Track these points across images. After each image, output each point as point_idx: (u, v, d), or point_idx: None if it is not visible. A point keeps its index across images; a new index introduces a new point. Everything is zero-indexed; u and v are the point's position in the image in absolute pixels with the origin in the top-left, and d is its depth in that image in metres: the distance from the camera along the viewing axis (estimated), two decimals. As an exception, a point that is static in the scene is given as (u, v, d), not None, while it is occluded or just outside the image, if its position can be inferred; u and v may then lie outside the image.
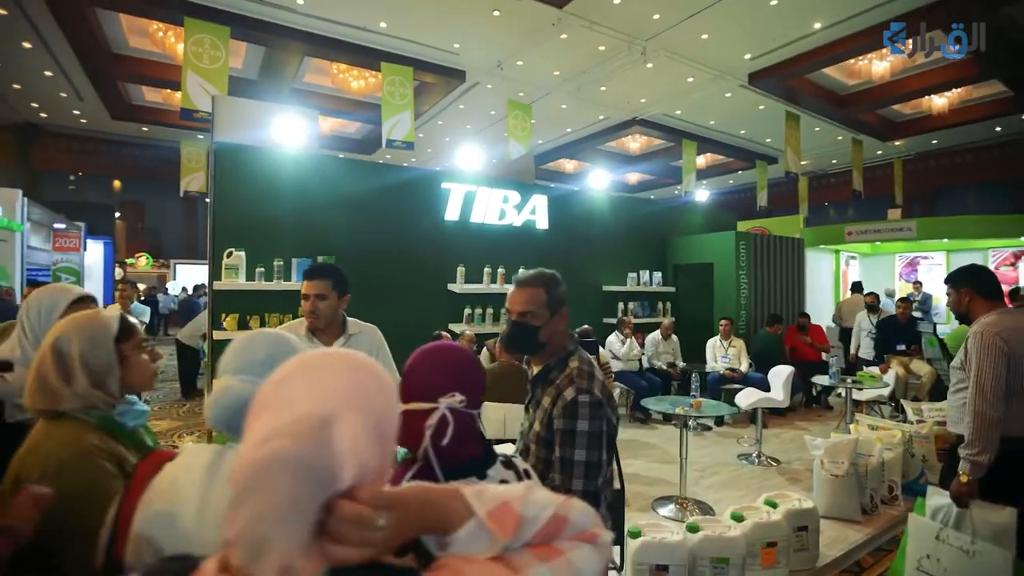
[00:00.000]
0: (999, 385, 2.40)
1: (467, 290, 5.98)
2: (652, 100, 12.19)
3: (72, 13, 8.50)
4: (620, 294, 7.44)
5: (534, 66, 10.81)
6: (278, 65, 10.33)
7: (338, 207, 5.40)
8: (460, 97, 12.27)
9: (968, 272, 2.78)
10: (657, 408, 4.41)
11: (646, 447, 5.71)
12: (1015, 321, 2.51)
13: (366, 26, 9.51)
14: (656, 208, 9.03)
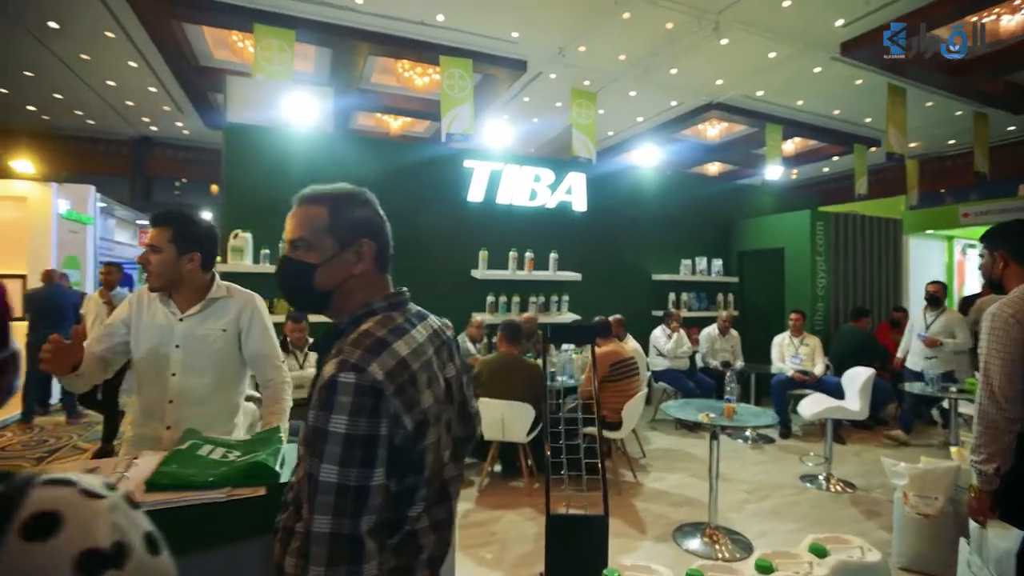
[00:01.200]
0: (1009, 380, 1.81)
1: (490, 276, 5.39)
2: (730, 81, 10.90)
3: (163, 29, 8.98)
4: (672, 284, 6.54)
5: (597, 51, 9.99)
6: (345, 66, 10.36)
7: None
8: (524, 89, 11.71)
9: (1008, 230, 2.12)
10: (678, 414, 3.49)
11: (686, 459, 4.79)
12: None
13: (424, 20, 9.21)
14: (719, 188, 7.90)
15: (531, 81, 11.28)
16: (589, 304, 6.09)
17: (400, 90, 11.82)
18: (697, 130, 13.37)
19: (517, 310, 5.55)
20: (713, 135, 13.40)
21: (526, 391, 3.76)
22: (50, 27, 8.23)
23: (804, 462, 4.75)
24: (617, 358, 4.05)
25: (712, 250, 6.90)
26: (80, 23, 8.18)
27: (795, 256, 6.28)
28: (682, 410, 3.53)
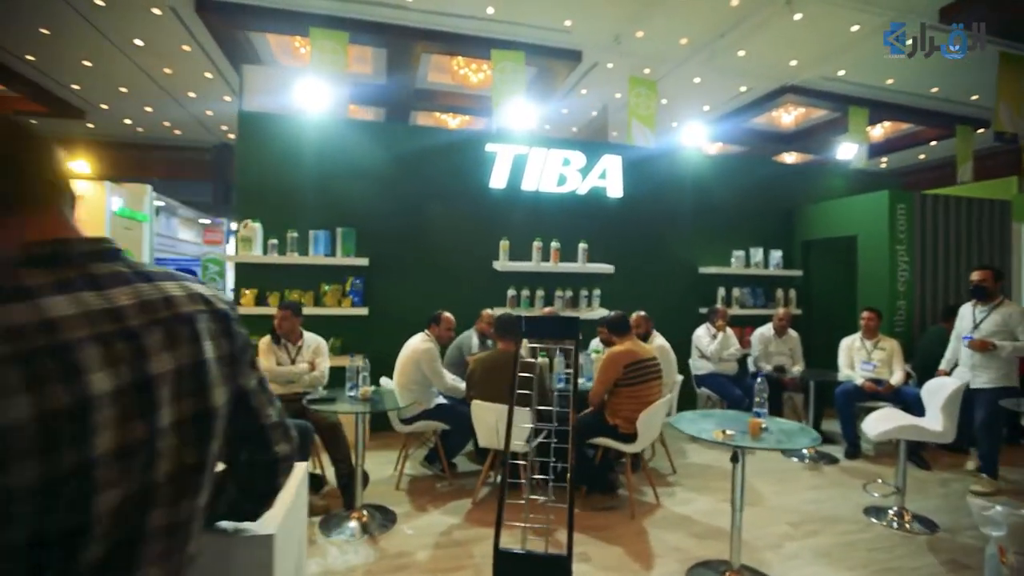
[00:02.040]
0: None
1: (512, 268, 4.90)
2: (805, 61, 9.76)
3: (230, 40, 9.34)
4: (721, 278, 5.75)
5: (656, 36, 9.24)
6: (401, 66, 10.34)
7: (366, 175, 4.76)
8: (581, 81, 11.17)
9: None
10: (688, 429, 2.77)
11: (724, 478, 3.83)
12: None
13: (474, 14, 8.98)
14: (780, 171, 6.94)
15: (588, 72, 10.71)
16: (624, 299, 5.43)
17: (456, 88, 11.67)
18: (771, 117, 12.19)
19: (541, 304, 5.05)
20: (788, 122, 12.16)
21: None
22: (136, 44, 8.78)
23: (870, 491, 3.87)
24: (633, 359, 3.45)
25: (771, 240, 6.01)
26: (160, 39, 8.65)
27: (870, 245, 5.28)
28: (695, 424, 2.83)
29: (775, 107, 11.25)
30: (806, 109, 11.66)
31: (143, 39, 8.74)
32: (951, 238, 5.38)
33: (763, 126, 12.44)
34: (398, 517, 3.32)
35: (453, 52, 9.96)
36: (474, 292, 4.96)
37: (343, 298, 4.55)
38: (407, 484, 3.85)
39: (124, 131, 13.02)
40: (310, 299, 4.51)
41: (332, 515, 3.29)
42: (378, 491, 3.64)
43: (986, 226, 5.58)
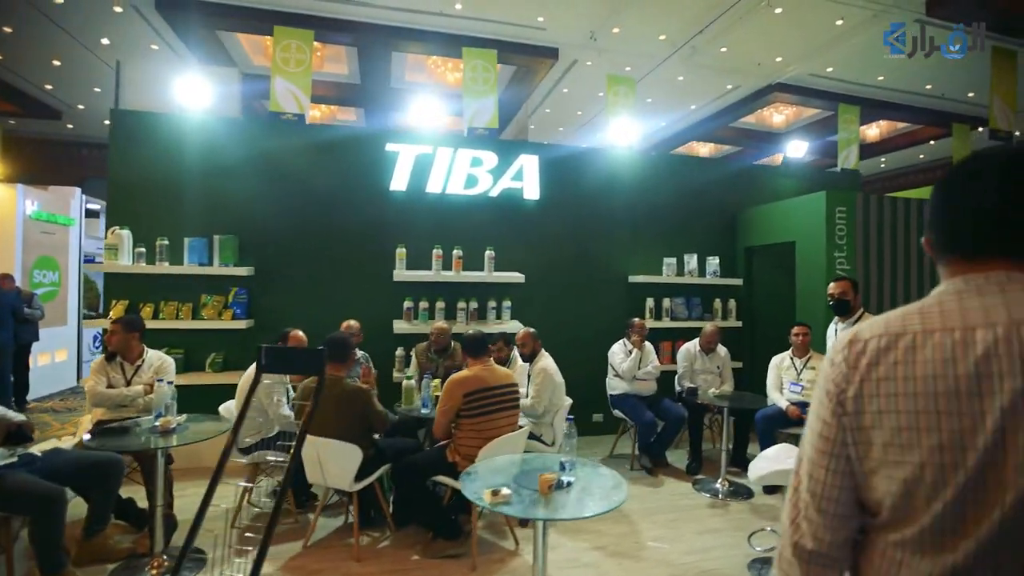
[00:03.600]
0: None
1: (409, 278, 4.53)
2: (791, 57, 9.33)
3: (196, 38, 9.20)
4: (655, 287, 5.30)
5: (633, 32, 8.90)
6: (373, 65, 10.17)
7: (254, 178, 4.42)
8: (562, 79, 10.88)
9: None
10: (468, 488, 2.25)
11: (613, 518, 3.49)
12: None
13: (442, 10, 8.77)
14: (725, 171, 6.42)
15: (568, 70, 10.44)
16: (539, 310, 5.10)
17: (434, 87, 11.48)
18: (761, 116, 11.78)
19: (441, 317, 4.66)
20: (779, 122, 11.75)
21: (346, 426, 2.93)
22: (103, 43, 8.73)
23: (754, 544, 3.29)
24: (476, 386, 3.02)
25: (713, 246, 5.56)
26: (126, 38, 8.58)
27: (808, 252, 4.79)
28: (479, 479, 2.28)
29: (764, 105, 10.85)
30: (797, 108, 11.25)
31: (109, 38, 8.68)
32: (899, 243, 4.88)
33: (753, 125, 12.04)
34: (208, 563, 2.93)
35: (423, 50, 9.75)
36: (370, 304, 4.62)
37: (224, 310, 4.27)
38: (249, 520, 3.45)
39: (103, 132, 13.08)
40: (188, 311, 4.24)
41: (132, 562, 2.89)
42: (210, 527, 3.11)
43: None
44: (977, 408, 0.69)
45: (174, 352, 4.17)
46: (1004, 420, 0.67)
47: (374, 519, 3.33)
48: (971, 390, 0.69)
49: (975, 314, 0.73)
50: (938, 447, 0.71)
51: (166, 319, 4.19)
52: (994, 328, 0.70)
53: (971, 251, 0.80)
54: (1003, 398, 0.67)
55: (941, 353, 0.73)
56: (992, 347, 0.70)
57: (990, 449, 0.68)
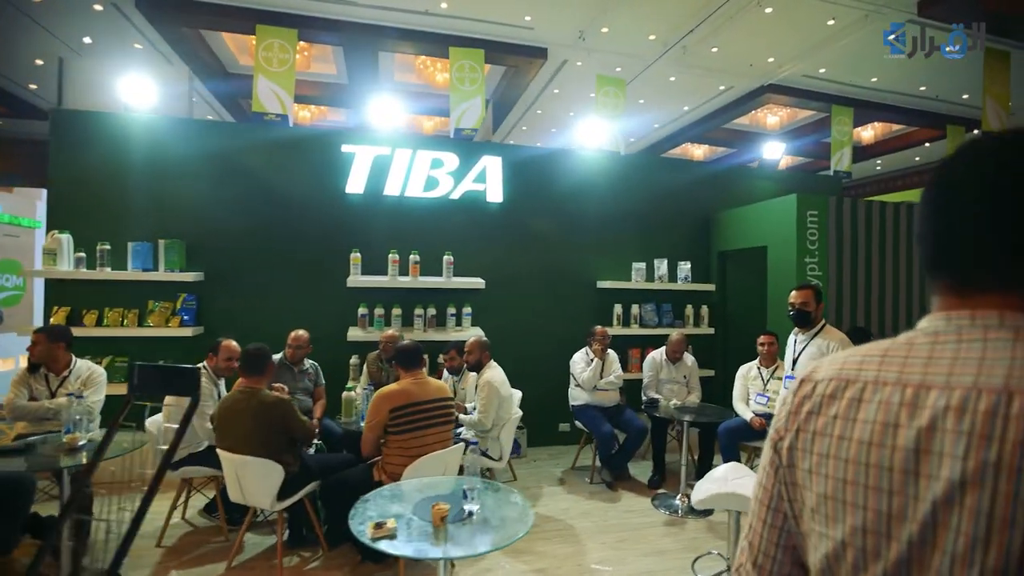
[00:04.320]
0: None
1: (364, 284, 4.36)
2: (784, 58, 9.15)
3: (178, 37, 9.10)
4: (626, 293, 5.12)
5: (622, 32, 8.74)
6: (361, 66, 10.06)
7: (204, 181, 4.28)
8: (552, 80, 10.75)
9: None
10: (355, 520, 2.08)
11: (561, 536, 3.37)
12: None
13: (428, 10, 8.65)
14: (697, 172, 6.23)
15: (558, 71, 10.30)
16: (503, 317, 4.92)
17: (424, 88, 11.37)
18: (755, 118, 11.59)
19: (399, 324, 4.49)
20: (773, 123, 11.56)
21: (265, 440, 2.76)
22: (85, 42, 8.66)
23: (698, 570, 3.08)
24: (403, 401, 2.86)
25: (686, 250, 5.37)
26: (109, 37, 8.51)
27: (779, 257, 4.60)
28: (370, 506, 2.10)
29: (757, 107, 10.67)
30: (791, 109, 11.07)
31: (91, 37, 8.61)
32: (875, 249, 4.67)
33: (747, 127, 11.86)
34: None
35: (410, 50, 9.63)
36: (324, 311, 4.47)
37: (172, 317, 4.14)
38: (177, 538, 3.29)
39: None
40: (134, 318, 4.11)
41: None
42: (134, 546, 3.04)
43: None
44: (911, 491, 0.55)
45: (119, 361, 4.06)
46: (936, 514, 0.53)
47: (307, 538, 3.20)
48: (907, 467, 0.56)
49: (940, 367, 0.57)
50: (861, 528, 0.58)
51: (111, 326, 4.06)
52: (950, 392, 0.55)
53: (959, 277, 0.62)
54: (937, 487, 0.54)
55: (885, 415, 0.59)
56: (940, 416, 0.55)
57: (916, 544, 0.54)
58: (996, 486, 0.50)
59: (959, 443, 0.53)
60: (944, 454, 0.53)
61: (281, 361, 3.82)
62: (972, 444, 0.52)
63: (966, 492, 0.51)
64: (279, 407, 2.76)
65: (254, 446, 2.70)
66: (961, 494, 0.52)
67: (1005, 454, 0.49)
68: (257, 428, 2.73)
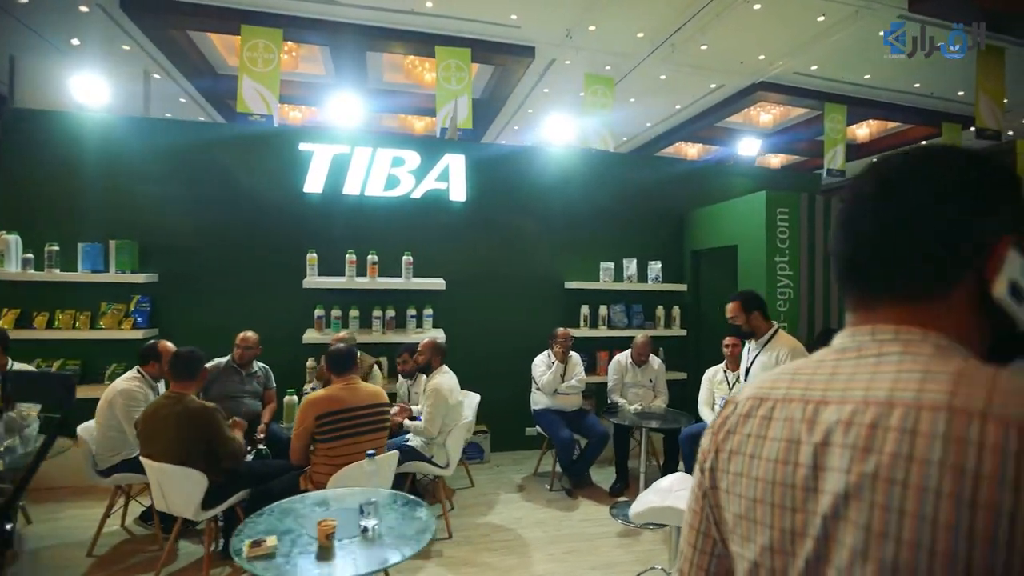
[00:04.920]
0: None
1: (319, 284, 4.27)
2: (774, 55, 8.99)
3: (164, 38, 9.07)
4: (594, 293, 4.98)
5: (610, 30, 8.62)
6: (348, 66, 10.00)
7: (158, 181, 4.21)
8: (541, 79, 10.65)
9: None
10: (238, 547, 1.91)
11: (507, 547, 3.25)
12: None
13: (413, 9, 8.58)
14: (670, 169, 6.07)
15: (547, 69, 10.20)
16: (467, 319, 4.83)
17: (413, 87, 11.30)
18: (748, 116, 11.42)
19: (356, 326, 4.41)
20: (766, 121, 11.38)
21: (188, 449, 2.67)
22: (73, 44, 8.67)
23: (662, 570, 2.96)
24: (329, 407, 2.75)
25: (656, 250, 5.23)
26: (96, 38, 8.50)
27: (748, 256, 4.44)
28: (262, 522, 2.00)
29: (749, 105, 10.51)
30: (785, 107, 10.89)
31: (79, 38, 8.60)
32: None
33: (740, 125, 11.69)
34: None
35: (397, 50, 9.56)
36: (281, 312, 4.39)
37: (124, 319, 4.08)
38: (111, 547, 3.20)
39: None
40: (86, 320, 4.04)
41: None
42: (65, 557, 3.03)
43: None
44: (811, 507, 0.56)
45: (71, 363, 4.02)
46: (827, 529, 0.54)
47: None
48: (807, 484, 0.56)
49: (838, 383, 0.58)
50: (769, 548, 0.58)
51: (62, 328, 4.01)
52: (842, 407, 0.56)
53: (862, 294, 0.64)
54: (826, 501, 0.54)
55: (789, 431, 0.59)
56: (832, 431, 0.55)
57: (812, 561, 0.54)
58: (873, 498, 0.50)
59: (845, 456, 0.53)
60: (833, 468, 0.54)
61: (228, 363, 3.74)
62: (855, 457, 0.52)
63: (849, 505, 0.51)
64: (204, 416, 2.66)
65: (176, 453, 2.62)
66: (845, 508, 0.52)
67: (882, 466, 0.50)
68: (179, 435, 2.64)
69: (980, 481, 0.45)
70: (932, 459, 0.47)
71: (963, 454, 0.46)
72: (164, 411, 2.71)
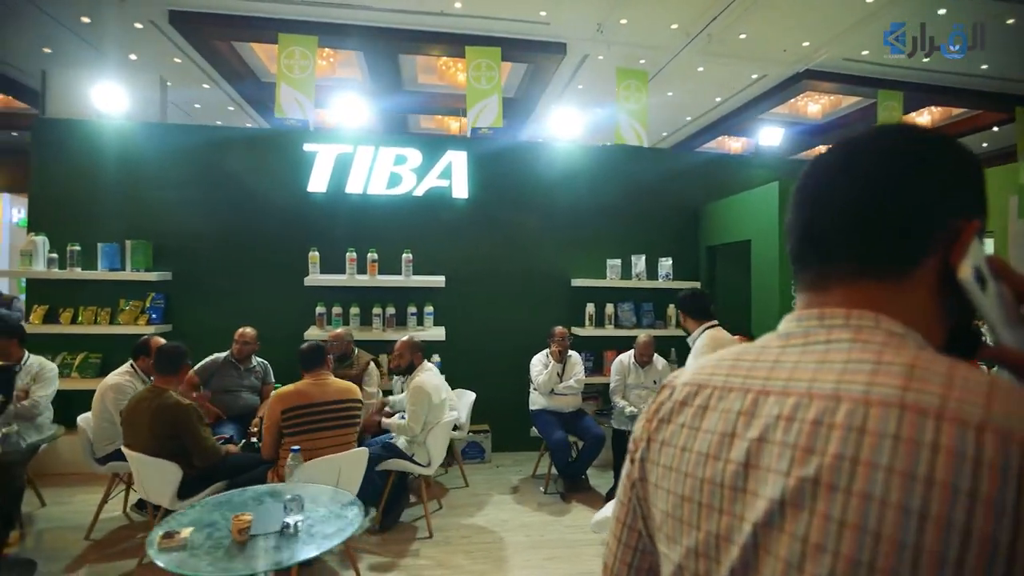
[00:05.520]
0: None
1: (320, 282, 4.35)
2: (820, 41, 8.45)
3: (210, 50, 9.56)
4: (597, 291, 4.83)
5: (642, 22, 8.36)
6: (382, 69, 10.19)
7: (173, 183, 4.43)
8: (575, 75, 10.48)
9: None
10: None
11: (485, 552, 3.19)
12: None
13: (443, 10, 8.64)
14: (684, 163, 5.83)
15: (580, 66, 10.04)
16: (469, 316, 4.79)
17: (448, 89, 11.39)
18: (795, 107, 10.80)
19: (356, 323, 4.46)
20: (814, 112, 10.72)
21: (161, 443, 2.74)
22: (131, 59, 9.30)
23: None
24: (295, 402, 2.77)
25: (669, 246, 5.00)
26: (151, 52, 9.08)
27: (762, 251, 4.17)
28: (190, 515, 2.00)
29: (795, 95, 9.94)
30: (835, 96, 10.22)
31: (136, 53, 9.20)
32: None
33: (787, 117, 11.08)
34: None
35: (427, 51, 9.66)
36: (285, 309, 4.50)
37: (140, 316, 4.30)
38: (107, 532, 3.35)
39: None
40: (106, 317, 4.29)
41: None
42: (64, 539, 3.20)
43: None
44: (739, 510, 0.51)
45: (92, 357, 4.29)
46: (756, 537, 0.48)
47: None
48: (736, 483, 0.51)
49: (782, 372, 0.53)
50: (694, 551, 0.54)
51: (84, 324, 4.28)
52: (784, 399, 0.51)
53: (815, 273, 0.59)
54: (760, 506, 0.48)
55: (724, 424, 0.54)
56: (772, 426, 0.50)
57: (738, 571, 0.49)
58: (813, 506, 0.44)
59: (784, 457, 0.48)
60: (770, 469, 0.49)
61: (227, 358, 3.87)
62: (795, 458, 0.47)
63: (785, 514, 0.46)
64: (175, 413, 2.73)
65: (151, 445, 2.72)
66: (780, 516, 0.47)
67: (823, 469, 0.45)
68: (152, 429, 2.74)
69: (932, 490, 0.39)
70: (879, 463, 0.42)
71: (913, 458, 0.41)
72: (143, 404, 2.82)
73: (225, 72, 10.07)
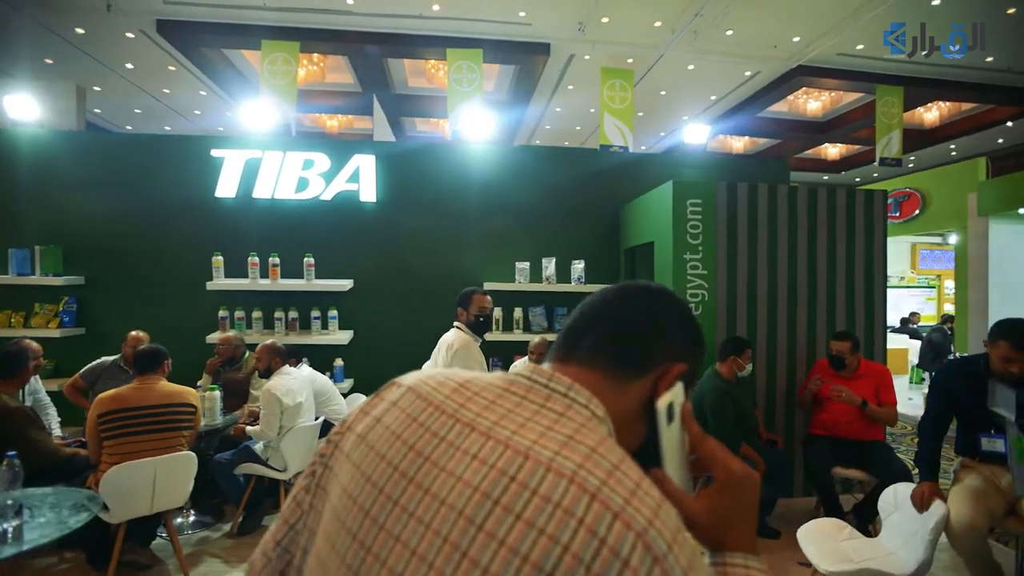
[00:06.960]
0: None
1: (222, 286, 4.39)
2: (811, 36, 8.07)
3: (200, 56, 9.70)
4: (508, 296, 4.72)
5: (624, 20, 8.15)
6: (370, 73, 10.22)
7: (85, 189, 4.54)
8: (563, 77, 10.30)
9: None
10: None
11: None
12: None
13: (421, 13, 8.62)
14: (605, 162, 5.64)
15: (567, 67, 9.87)
16: (376, 320, 4.75)
17: (437, 91, 11.38)
18: (794, 104, 10.36)
19: (260, 327, 4.46)
20: (815, 109, 10.25)
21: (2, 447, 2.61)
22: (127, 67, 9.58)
23: None
24: (111, 406, 2.77)
25: (589, 248, 4.87)
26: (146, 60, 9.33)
27: (662, 255, 3.99)
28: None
29: (791, 92, 9.54)
30: (835, 93, 9.76)
31: (132, 62, 9.47)
32: (781, 244, 3.88)
33: (787, 115, 10.64)
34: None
35: (411, 54, 9.65)
36: (191, 313, 4.56)
37: (53, 319, 4.39)
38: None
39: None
40: (20, 320, 4.41)
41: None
42: None
43: (844, 226, 3.93)
44: (376, 549, 0.54)
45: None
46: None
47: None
48: (394, 495, 0.56)
49: (493, 415, 0.59)
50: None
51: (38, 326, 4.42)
52: (483, 440, 0.56)
53: (562, 348, 0.70)
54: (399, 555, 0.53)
55: (421, 441, 0.58)
56: (461, 462, 0.55)
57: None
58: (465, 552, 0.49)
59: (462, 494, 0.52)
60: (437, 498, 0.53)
61: (115, 362, 3.89)
62: (475, 499, 0.52)
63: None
64: (11, 417, 2.74)
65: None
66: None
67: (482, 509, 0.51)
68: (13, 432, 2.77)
69: (563, 557, 0.45)
70: (536, 522, 0.47)
71: (563, 526, 0.46)
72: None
73: (220, 80, 10.27)
